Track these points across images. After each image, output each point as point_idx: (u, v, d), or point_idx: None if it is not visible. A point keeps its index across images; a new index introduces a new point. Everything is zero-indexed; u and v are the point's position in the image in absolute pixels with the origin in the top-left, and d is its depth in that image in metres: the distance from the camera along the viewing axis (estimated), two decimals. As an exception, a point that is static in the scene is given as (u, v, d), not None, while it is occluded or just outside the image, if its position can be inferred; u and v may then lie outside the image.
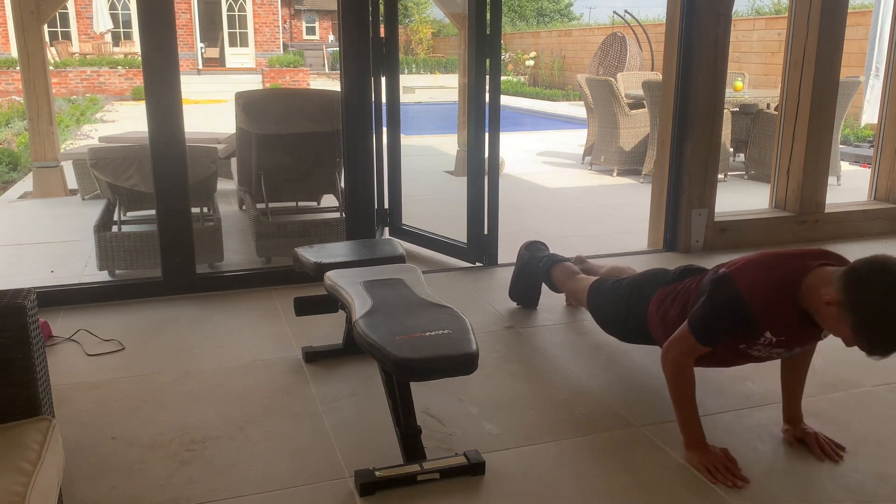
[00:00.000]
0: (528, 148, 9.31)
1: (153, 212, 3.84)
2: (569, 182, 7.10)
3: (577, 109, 13.79)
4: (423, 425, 2.36)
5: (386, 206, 4.72)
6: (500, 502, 2.11)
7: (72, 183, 6.30)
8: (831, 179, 5.80)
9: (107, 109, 15.35)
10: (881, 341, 1.88)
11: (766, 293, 2.10)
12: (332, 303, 2.76)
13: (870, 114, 8.75)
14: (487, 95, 3.96)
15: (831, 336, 2.18)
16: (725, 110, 6.55)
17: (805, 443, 2.36)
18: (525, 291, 3.59)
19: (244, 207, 5.41)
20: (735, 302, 2.13)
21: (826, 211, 4.80)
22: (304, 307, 3.09)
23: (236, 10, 24.71)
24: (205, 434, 2.46)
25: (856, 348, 1.95)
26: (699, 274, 2.56)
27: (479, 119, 3.98)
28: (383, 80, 4.42)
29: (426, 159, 8.41)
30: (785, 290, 2.08)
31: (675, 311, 2.48)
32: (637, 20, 14.52)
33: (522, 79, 20.75)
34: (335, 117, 4.41)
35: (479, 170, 4.06)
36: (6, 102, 13.43)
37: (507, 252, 4.05)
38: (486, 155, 4.04)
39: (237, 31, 24.90)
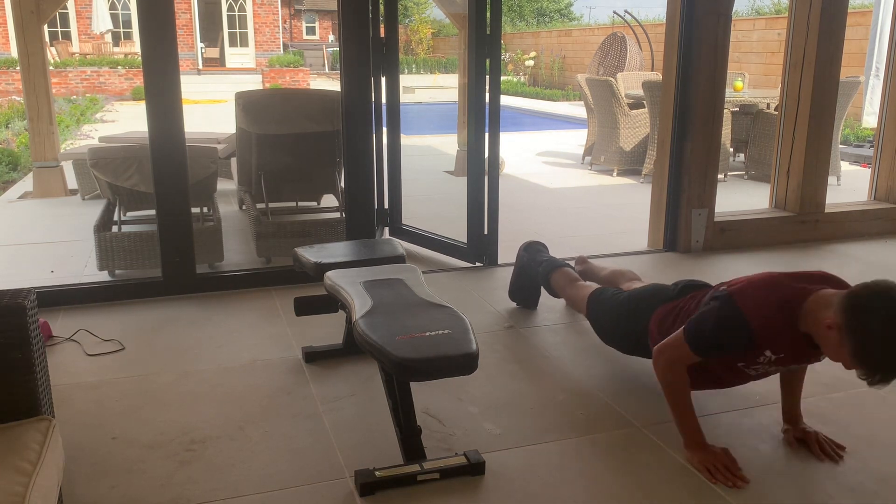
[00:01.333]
0: (528, 148, 9.31)
1: (153, 212, 3.84)
2: (569, 182, 7.09)
3: (577, 109, 13.79)
4: (423, 425, 2.36)
5: (386, 206, 4.72)
6: (500, 502, 2.11)
7: (72, 183, 6.30)
8: (831, 179, 5.80)
9: (107, 109, 15.35)
10: (881, 368, 1.88)
11: (768, 313, 2.11)
12: (332, 303, 2.76)
13: (872, 116, 8.73)
14: (487, 95, 3.96)
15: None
16: (725, 110, 6.55)
17: (805, 443, 2.36)
18: (525, 292, 3.59)
19: (244, 207, 5.41)
20: (737, 320, 2.14)
21: (826, 211, 4.79)
22: (304, 307, 3.09)
23: (236, 10, 24.71)
24: (205, 434, 2.46)
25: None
26: (701, 290, 2.57)
27: (479, 119, 3.98)
28: (383, 80, 4.42)
29: (426, 159, 8.41)
30: (786, 311, 2.09)
31: (676, 328, 2.48)
32: (637, 20, 14.52)
33: (522, 79, 20.75)
34: (335, 117, 4.41)
35: (479, 170, 4.06)
36: (6, 102, 13.42)
37: (507, 252, 4.05)
38: (486, 155, 4.04)
39: (237, 31, 24.90)
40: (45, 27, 6.15)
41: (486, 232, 4.16)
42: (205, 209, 4.73)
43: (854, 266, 4.23)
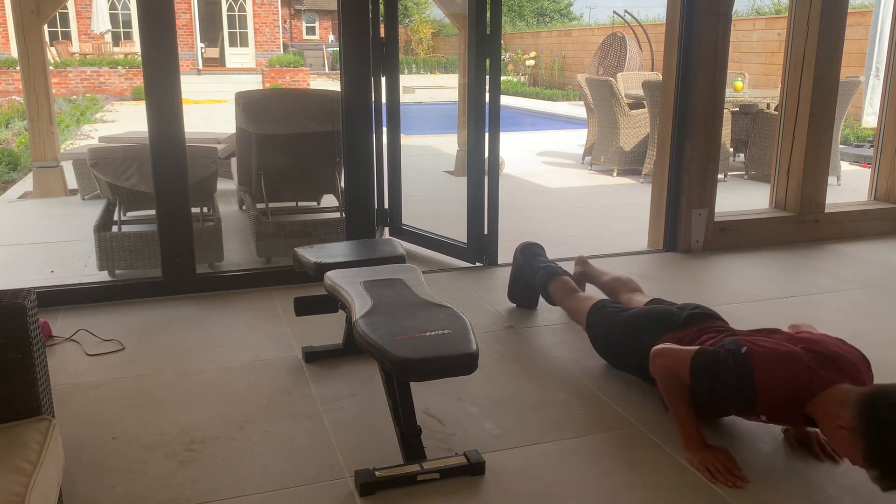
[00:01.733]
0: (528, 148, 9.31)
1: (153, 212, 3.84)
2: (569, 182, 7.10)
3: (577, 109, 13.79)
4: (423, 425, 2.36)
5: (386, 206, 4.72)
6: (500, 502, 2.11)
7: (72, 183, 6.30)
8: (831, 179, 5.80)
9: (107, 109, 15.35)
10: (892, 474, 1.86)
11: (779, 396, 2.12)
12: (332, 303, 2.76)
13: (872, 116, 8.73)
14: (487, 95, 3.96)
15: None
16: (725, 110, 6.55)
17: (805, 443, 2.36)
18: (523, 294, 3.58)
19: (244, 207, 5.41)
20: (747, 388, 2.14)
21: (826, 211, 4.79)
22: (304, 307, 3.09)
23: (236, 10, 24.71)
24: (205, 434, 2.46)
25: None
26: (707, 322, 2.58)
27: (479, 119, 3.98)
28: (383, 80, 4.42)
29: (426, 159, 8.41)
30: (798, 400, 2.09)
31: None
32: (637, 20, 14.53)
33: (522, 79, 20.75)
34: (335, 117, 4.41)
35: (479, 170, 4.06)
36: (6, 102, 13.43)
37: (507, 252, 4.04)
38: (486, 155, 4.04)
39: (237, 31, 24.90)
40: (45, 27, 6.16)
41: (486, 232, 4.16)
42: (205, 209, 4.73)
43: (854, 266, 4.23)
